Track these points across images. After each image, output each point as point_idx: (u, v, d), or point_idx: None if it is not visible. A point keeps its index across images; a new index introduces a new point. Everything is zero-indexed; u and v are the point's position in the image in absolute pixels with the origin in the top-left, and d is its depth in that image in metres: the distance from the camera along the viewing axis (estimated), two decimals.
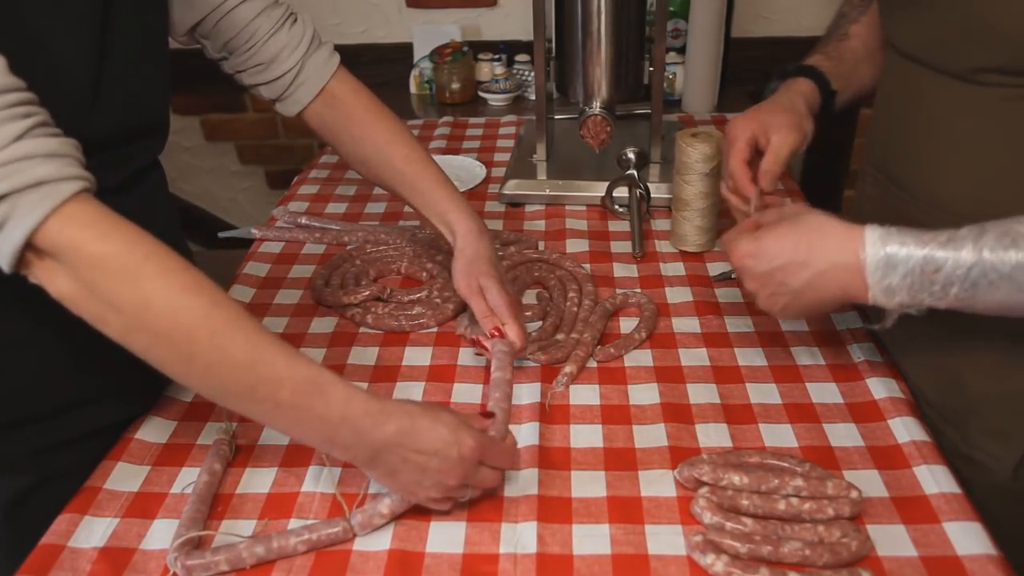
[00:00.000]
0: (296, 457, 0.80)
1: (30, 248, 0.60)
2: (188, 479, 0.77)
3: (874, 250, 0.68)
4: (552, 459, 0.79)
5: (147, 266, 0.62)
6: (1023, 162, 0.72)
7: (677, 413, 0.83)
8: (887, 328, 0.73)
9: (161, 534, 0.72)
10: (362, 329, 1.00)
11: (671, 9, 1.80)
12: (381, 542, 0.70)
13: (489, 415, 0.77)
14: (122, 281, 0.61)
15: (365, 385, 0.89)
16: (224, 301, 0.65)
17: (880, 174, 0.88)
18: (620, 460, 0.78)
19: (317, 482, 0.77)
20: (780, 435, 0.80)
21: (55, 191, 0.59)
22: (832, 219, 0.73)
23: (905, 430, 0.79)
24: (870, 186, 0.91)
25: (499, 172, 1.40)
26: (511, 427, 0.82)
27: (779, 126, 0.92)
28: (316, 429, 0.67)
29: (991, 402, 0.78)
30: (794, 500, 0.70)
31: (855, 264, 0.69)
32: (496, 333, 0.88)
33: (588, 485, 0.75)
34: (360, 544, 0.70)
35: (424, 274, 1.10)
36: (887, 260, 0.68)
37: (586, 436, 0.81)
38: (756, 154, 0.94)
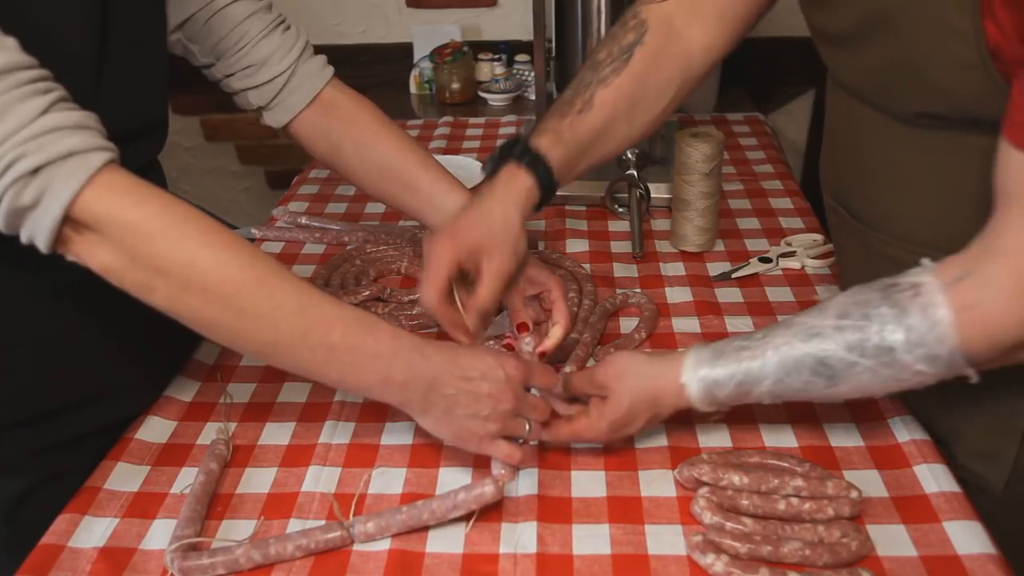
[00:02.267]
0: (296, 457, 0.80)
1: (67, 222, 0.60)
2: (188, 479, 0.77)
3: (696, 387, 0.73)
4: (552, 459, 0.79)
5: (187, 226, 0.64)
6: (971, 198, 0.70)
7: (677, 413, 0.83)
8: (720, 417, 0.80)
9: (161, 534, 0.72)
10: None
11: None
12: (381, 542, 0.70)
13: (511, 348, 0.82)
14: (165, 243, 0.63)
15: None
16: (262, 254, 0.67)
17: (838, 205, 0.87)
18: (620, 460, 0.78)
19: (317, 482, 0.77)
20: (780, 435, 0.80)
21: (87, 161, 0.60)
22: (647, 360, 0.76)
23: (905, 429, 0.79)
24: (832, 215, 0.90)
25: None
26: None
27: (491, 249, 0.78)
28: (371, 370, 0.69)
29: (973, 425, 0.78)
30: (794, 500, 0.70)
31: (686, 394, 0.74)
32: (523, 329, 0.88)
33: (588, 485, 0.75)
34: (360, 544, 0.70)
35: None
36: (708, 392, 0.73)
37: None
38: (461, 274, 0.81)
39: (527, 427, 0.75)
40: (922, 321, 0.63)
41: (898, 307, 0.64)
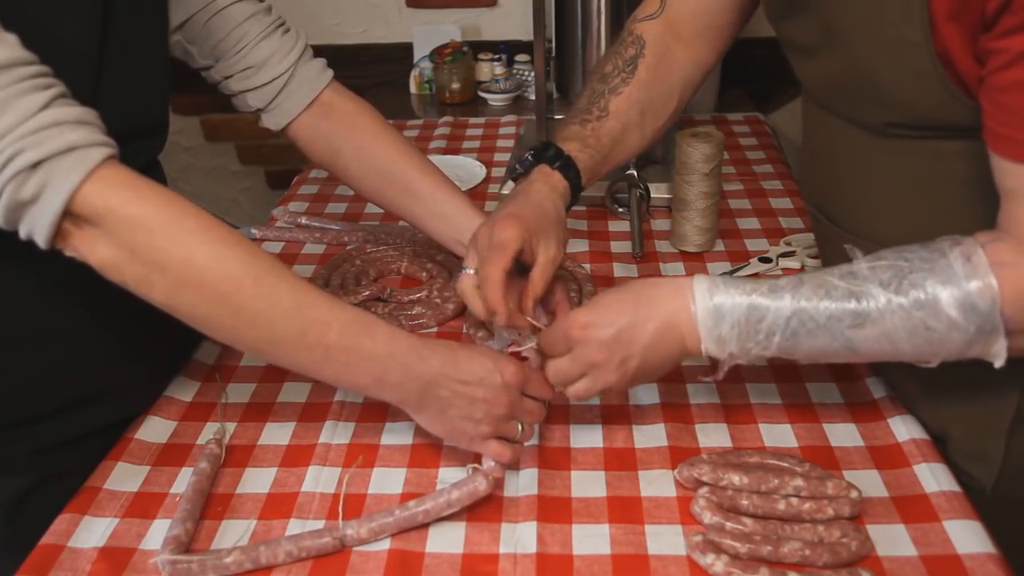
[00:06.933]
0: (296, 457, 0.80)
1: (67, 217, 0.61)
2: (188, 479, 0.77)
3: (704, 301, 0.70)
4: (552, 459, 0.79)
5: (186, 222, 0.64)
6: (944, 200, 0.72)
7: (677, 413, 0.83)
8: (719, 380, 0.74)
9: (161, 534, 0.72)
10: None
11: None
12: (381, 542, 0.70)
13: (522, 359, 0.79)
14: (164, 238, 0.63)
15: None
16: (260, 252, 0.68)
17: (818, 212, 0.87)
18: (620, 460, 0.78)
19: (317, 482, 0.77)
20: (780, 435, 0.80)
21: (87, 156, 0.60)
22: (654, 277, 0.75)
23: (905, 429, 0.79)
24: (814, 221, 0.90)
25: (499, 172, 1.40)
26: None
27: (548, 239, 0.83)
28: (366, 370, 0.70)
29: (962, 426, 0.78)
30: (794, 500, 0.70)
31: (689, 315, 0.70)
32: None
33: (588, 485, 0.75)
34: (360, 544, 0.70)
35: (424, 274, 1.10)
36: (716, 310, 0.69)
37: (586, 436, 0.81)
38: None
39: (520, 429, 0.75)
40: (962, 265, 0.62)
41: (938, 251, 0.64)
